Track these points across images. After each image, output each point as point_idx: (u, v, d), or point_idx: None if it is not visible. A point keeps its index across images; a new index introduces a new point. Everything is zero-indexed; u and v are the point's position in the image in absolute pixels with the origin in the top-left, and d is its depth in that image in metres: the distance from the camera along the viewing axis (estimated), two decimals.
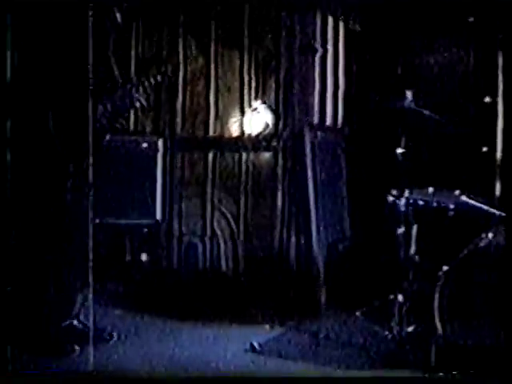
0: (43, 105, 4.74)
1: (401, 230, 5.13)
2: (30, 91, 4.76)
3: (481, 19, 5.77)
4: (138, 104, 5.03)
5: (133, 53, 6.07)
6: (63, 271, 5.06)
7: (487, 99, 5.62)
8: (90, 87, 4.58)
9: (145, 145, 5.80)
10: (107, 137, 5.17)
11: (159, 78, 5.04)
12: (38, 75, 4.81)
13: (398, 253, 5.16)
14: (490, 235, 4.85)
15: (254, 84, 6.00)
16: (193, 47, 6.06)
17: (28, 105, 4.72)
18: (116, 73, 5.23)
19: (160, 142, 5.84)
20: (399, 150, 5.17)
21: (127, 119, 5.99)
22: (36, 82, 4.80)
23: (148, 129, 6.03)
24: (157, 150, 5.81)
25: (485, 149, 5.57)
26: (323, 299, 5.75)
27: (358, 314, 5.43)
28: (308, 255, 5.79)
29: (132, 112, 5.92)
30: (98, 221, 5.60)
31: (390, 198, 5.17)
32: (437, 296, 4.75)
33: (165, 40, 6.07)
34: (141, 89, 4.95)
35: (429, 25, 5.93)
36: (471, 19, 5.82)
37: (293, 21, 5.90)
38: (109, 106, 4.89)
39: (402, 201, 5.13)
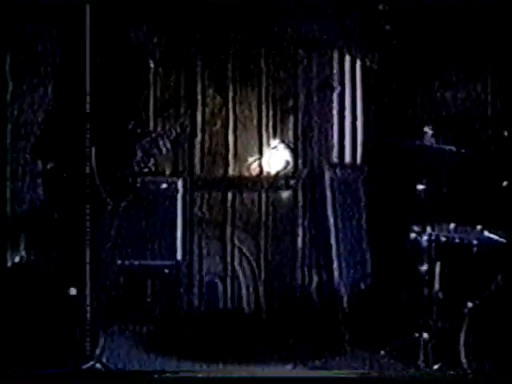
0: (85, 147, 4.82)
1: (424, 267, 5.10)
2: (70, 133, 4.83)
3: (496, 54, 5.78)
4: (164, 150, 5.11)
5: (157, 98, 6.13)
6: (85, 312, 5.05)
7: (506, 133, 5.61)
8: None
9: (164, 185, 5.81)
10: (139, 180, 5.23)
11: (179, 127, 5.14)
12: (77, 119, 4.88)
13: (421, 290, 5.12)
14: None
15: (272, 123, 6.01)
16: (210, 87, 6.09)
17: (70, 146, 4.79)
18: (144, 118, 5.35)
19: (179, 183, 5.85)
20: (420, 187, 5.15)
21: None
22: (76, 124, 4.87)
23: (167, 169, 6.05)
24: (176, 191, 5.81)
25: (505, 183, 5.54)
26: (347, 338, 5.69)
27: (382, 352, 5.37)
28: (330, 294, 5.76)
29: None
30: (119, 262, 5.65)
31: (412, 235, 5.15)
32: (462, 333, 4.70)
33: (184, 84, 6.12)
34: (165, 136, 5.04)
35: (446, 60, 5.94)
36: (486, 54, 5.83)
37: (310, 59, 5.93)
38: (139, 152, 4.99)
39: (424, 237, 5.10)
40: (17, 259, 5.69)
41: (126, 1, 5.24)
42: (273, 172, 5.95)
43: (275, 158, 5.94)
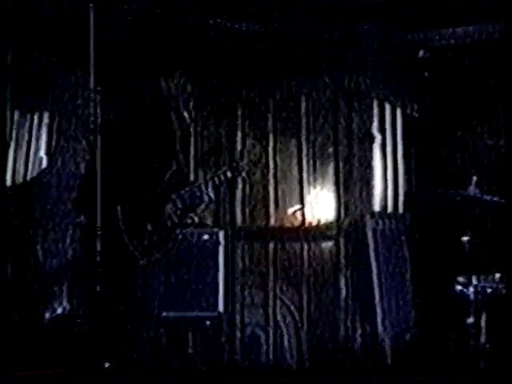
0: (113, 201, 4.77)
1: (470, 320, 5.02)
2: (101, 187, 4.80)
3: None
4: (207, 199, 5.04)
5: (197, 148, 6.16)
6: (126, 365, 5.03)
7: None
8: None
9: (206, 237, 5.80)
10: (177, 232, 5.18)
11: (229, 173, 5.05)
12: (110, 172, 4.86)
13: (467, 343, 5.04)
14: None
15: (312, 172, 5.99)
16: (251, 138, 6.10)
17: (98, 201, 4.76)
18: (184, 170, 5.30)
19: (221, 234, 5.83)
20: (465, 238, 5.08)
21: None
22: (107, 178, 4.85)
23: (209, 221, 6.05)
24: (218, 242, 5.80)
25: None
26: None
27: None
28: (374, 346, 5.68)
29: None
30: (164, 314, 5.63)
31: (458, 287, 5.08)
32: None
33: (238, 133, 6.15)
34: (210, 185, 4.97)
35: (490, 108, 5.89)
36: None
37: (350, 108, 5.91)
38: (179, 203, 4.92)
39: (470, 289, 5.03)
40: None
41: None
42: (314, 222, 5.92)
43: (316, 208, 5.91)
